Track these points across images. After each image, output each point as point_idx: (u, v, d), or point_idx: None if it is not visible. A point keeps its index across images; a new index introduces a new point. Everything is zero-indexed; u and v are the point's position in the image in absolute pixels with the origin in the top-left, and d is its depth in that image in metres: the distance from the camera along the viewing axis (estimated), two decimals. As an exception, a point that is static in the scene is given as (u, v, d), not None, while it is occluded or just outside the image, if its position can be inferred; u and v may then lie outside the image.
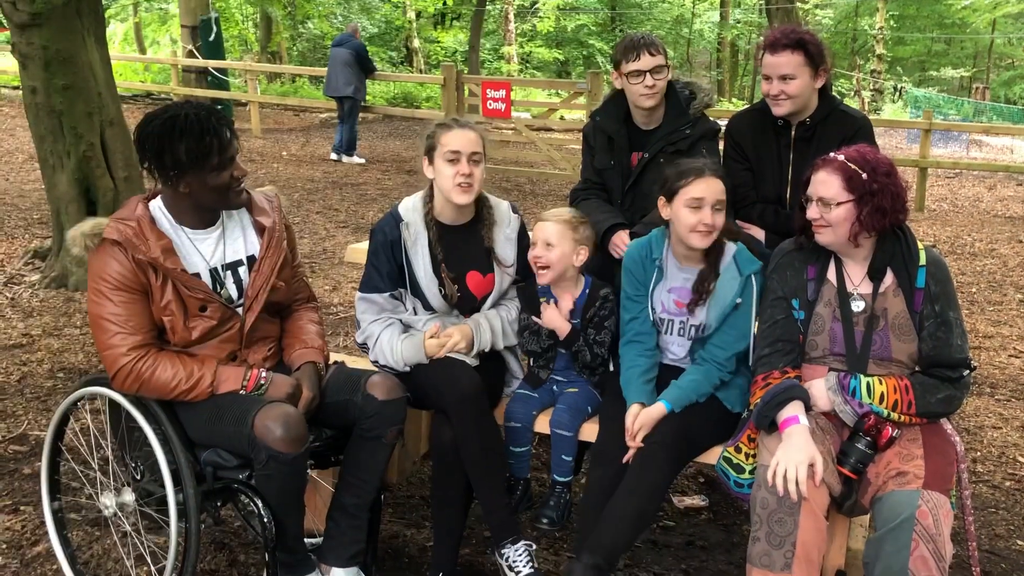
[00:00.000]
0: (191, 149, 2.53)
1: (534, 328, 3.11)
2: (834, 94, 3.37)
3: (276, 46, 27.58)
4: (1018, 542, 3.51)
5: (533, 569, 2.87)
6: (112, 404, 2.72)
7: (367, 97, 14.05)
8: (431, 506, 3.08)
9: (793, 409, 2.56)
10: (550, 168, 12.60)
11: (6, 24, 6.22)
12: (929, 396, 2.57)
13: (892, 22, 35.24)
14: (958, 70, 39.40)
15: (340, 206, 9.92)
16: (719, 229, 2.81)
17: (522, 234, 3.17)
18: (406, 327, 3.06)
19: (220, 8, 21.32)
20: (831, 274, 2.71)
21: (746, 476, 2.66)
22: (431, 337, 2.98)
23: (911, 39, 38.86)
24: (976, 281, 7.83)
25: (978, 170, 14.86)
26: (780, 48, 3.16)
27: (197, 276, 2.66)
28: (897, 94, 34.34)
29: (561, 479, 3.03)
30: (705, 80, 3.84)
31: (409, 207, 3.06)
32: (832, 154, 2.65)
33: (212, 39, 15.77)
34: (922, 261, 2.63)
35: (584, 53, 36.45)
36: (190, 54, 16.00)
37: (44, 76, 5.91)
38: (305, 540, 2.82)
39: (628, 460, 2.75)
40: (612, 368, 3.08)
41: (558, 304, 3.08)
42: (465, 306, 3.10)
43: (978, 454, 4.30)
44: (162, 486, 2.53)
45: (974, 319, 6.59)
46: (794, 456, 2.45)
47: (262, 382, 2.66)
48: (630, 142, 3.47)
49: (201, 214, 2.70)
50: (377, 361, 3.04)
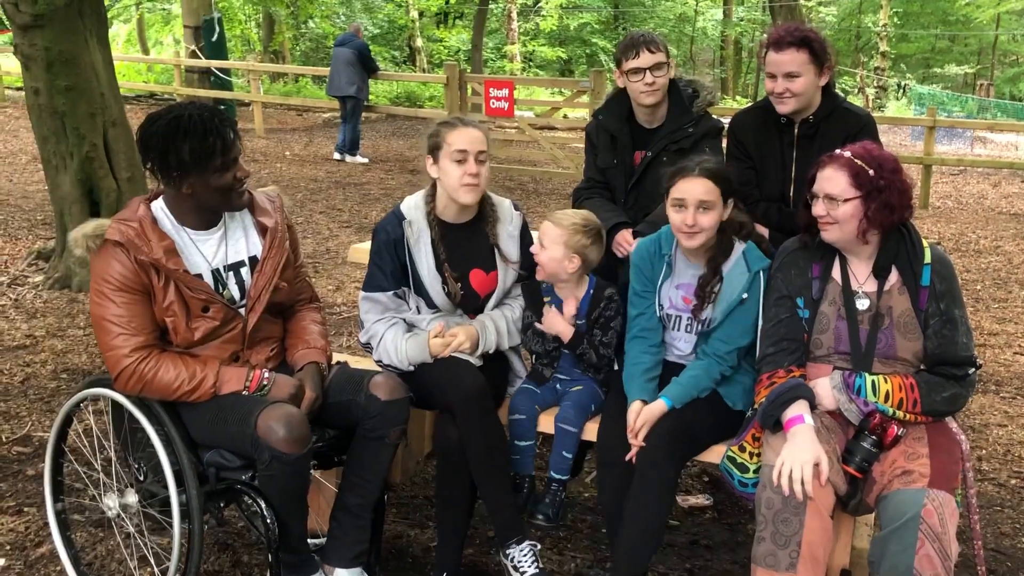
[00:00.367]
0: (195, 150, 2.52)
1: (538, 330, 3.10)
2: (837, 91, 3.36)
3: (278, 46, 27.58)
4: (1023, 540, 3.50)
5: (538, 569, 2.87)
6: (115, 405, 2.72)
7: (370, 96, 14.05)
8: (435, 506, 3.07)
9: (798, 408, 2.55)
10: (553, 167, 12.59)
11: (8, 25, 6.22)
12: (934, 394, 2.55)
13: (896, 19, 35.19)
14: (962, 67, 39.34)
15: (343, 206, 9.92)
16: (706, 229, 2.79)
17: (524, 231, 3.17)
18: (410, 327, 3.06)
19: (223, 8, 21.32)
20: (836, 272, 2.70)
21: (750, 476, 2.65)
22: (435, 336, 2.98)
23: (915, 36, 38.82)
24: (981, 278, 7.81)
25: (982, 167, 14.82)
26: (785, 46, 3.14)
27: (199, 277, 2.65)
28: (901, 91, 34.29)
29: (558, 476, 3.01)
30: (708, 78, 3.83)
31: (411, 205, 3.06)
32: (838, 151, 2.64)
33: (215, 39, 15.78)
34: (927, 259, 2.62)
35: (587, 52, 36.42)
36: (193, 54, 16.01)
37: (47, 77, 5.92)
38: (308, 540, 2.82)
39: (631, 458, 2.75)
40: (617, 367, 3.08)
41: (561, 308, 3.08)
42: (469, 304, 3.10)
43: (983, 452, 4.28)
44: (165, 487, 2.53)
45: (979, 316, 6.57)
46: (799, 456, 2.44)
47: (264, 383, 2.66)
48: (633, 141, 3.46)
49: (203, 215, 2.70)
50: (381, 361, 3.03)
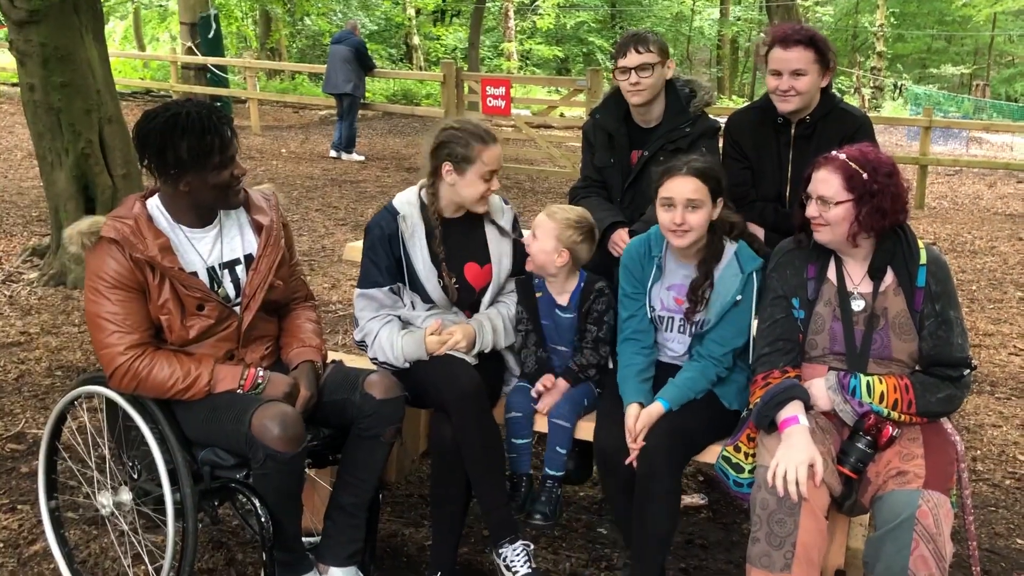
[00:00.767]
0: (193, 147, 2.52)
1: (532, 341, 3.13)
2: (834, 92, 3.36)
3: (275, 43, 27.53)
4: (1018, 541, 3.50)
5: (531, 569, 2.87)
6: (109, 403, 2.71)
7: (366, 94, 14.03)
8: (430, 505, 3.07)
9: (793, 409, 2.55)
10: (550, 165, 12.59)
11: (4, 21, 6.20)
12: (929, 395, 2.56)
13: (892, 19, 35.21)
14: (958, 67, 39.37)
15: (339, 203, 9.91)
16: (695, 228, 2.78)
17: (514, 226, 3.19)
18: (404, 324, 3.06)
19: (219, 5, 21.29)
20: (831, 273, 2.70)
21: (745, 476, 2.65)
22: (432, 334, 2.98)
23: (911, 36, 38.85)
24: (976, 279, 7.82)
25: (978, 167, 14.83)
26: (792, 43, 3.13)
27: (194, 275, 2.65)
28: (897, 91, 34.32)
29: (553, 473, 3.01)
30: (705, 78, 3.83)
31: (404, 201, 3.07)
32: (834, 152, 2.63)
33: (211, 36, 15.75)
34: (923, 260, 2.62)
35: (584, 50, 36.41)
36: (189, 51, 15.98)
37: (42, 73, 5.90)
38: (303, 539, 2.81)
39: (631, 462, 2.75)
40: (612, 365, 3.07)
41: (552, 303, 3.11)
42: (464, 299, 3.10)
43: (978, 452, 4.29)
44: (159, 485, 2.52)
45: (974, 317, 6.58)
46: (794, 456, 2.44)
47: (259, 381, 2.65)
48: (630, 140, 3.46)
49: (199, 212, 2.69)
50: (376, 359, 3.03)
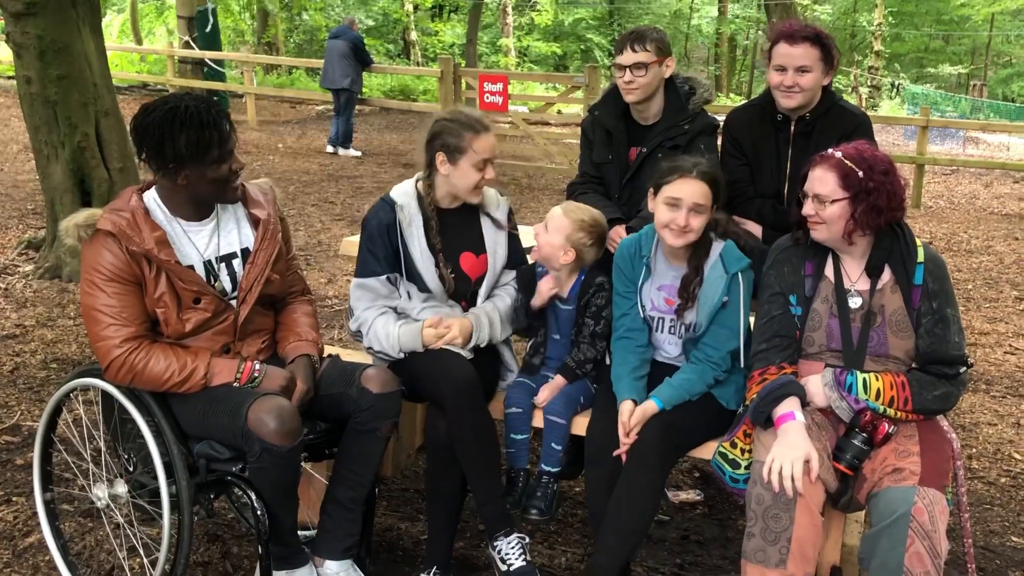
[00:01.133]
0: (191, 142, 2.51)
1: (522, 305, 3.13)
2: (833, 90, 3.35)
3: (271, 38, 27.49)
4: (1013, 538, 3.51)
5: (526, 562, 2.87)
6: (105, 395, 2.71)
7: (363, 89, 14.00)
8: (425, 499, 3.07)
9: (789, 405, 2.55)
10: (547, 162, 12.57)
11: (1, 14, 6.18)
12: (926, 392, 2.56)
13: (890, 18, 35.25)
14: (956, 67, 39.42)
15: (336, 199, 9.90)
16: (695, 231, 2.78)
17: (509, 218, 3.20)
18: (400, 315, 3.06)
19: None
20: (829, 270, 2.70)
21: (741, 471, 2.65)
22: (429, 327, 2.98)
23: (909, 35, 38.88)
24: (972, 278, 7.83)
25: (975, 167, 14.85)
26: (799, 40, 3.13)
27: (191, 268, 2.64)
28: (895, 91, 34.36)
29: (549, 469, 3.01)
30: (703, 75, 3.82)
31: (401, 192, 3.08)
32: (830, 151, 2.63)
33: (209, 30, 15.70)
34: (920, 258, 2.62)
35: (582, 47, 36.39)
36: (186, 45, 15.93)
37: (39, 66, 5.88)
38: (299, 533, 2.82)
39: (619, 454, 2.75)
40: (608, 361, 3.08)
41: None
42: (461, 289, 3.11)
43: (973, 450, 4.30)
44: (155, 478, 2.52)
45: (970, 316, 6.59)
46: (790, 452, 2.44)
47: (256, 375, 2.65)
48: (628, 137, 3.46)
49: (196, 206, 2.69)
50: (371, 348, 3.03)
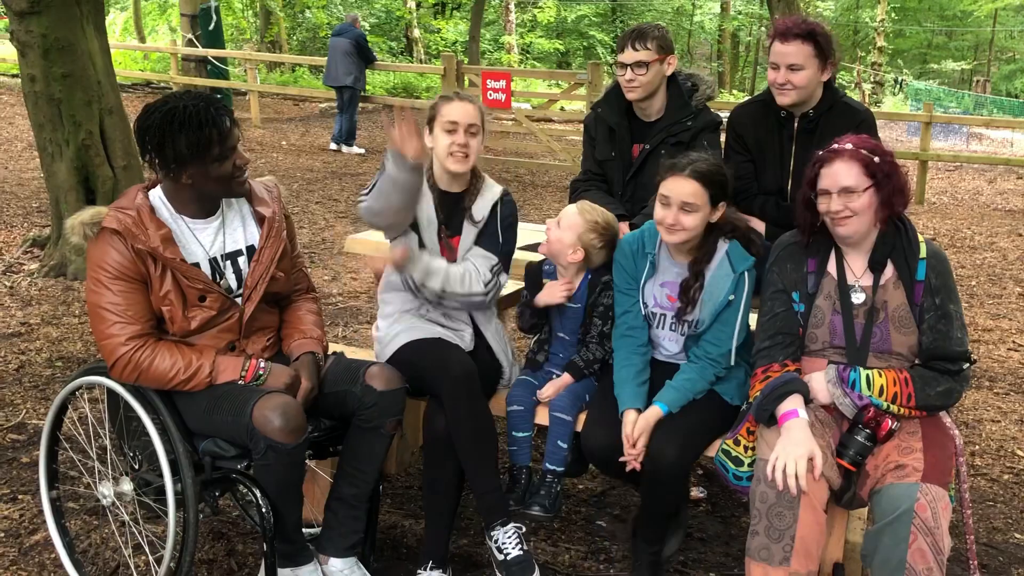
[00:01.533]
0: (192, 141, 2.52)
1: (526, 304, 3.13)
2: (837, 87, 3.35)
3: (273, 36, 27.50)
4: (1016, 535, 3.52)
5: (522, 551, 2.87)
6: (110, 393, 2.72)
7: (367, 87, 14.01)
8: (423, 493, 3.07)
9: (792, 402, 2.56)
10: (550, 159, 12.58)
11: (5, 12, 6.20)
12: (929, 389, 2.56)
13: (893, 14, 35.16)
14: (959, 63, 39.33)
15: (339, 196, 9.91)
16: (687, 230, 2.77)
17: (508, 212, 3.18)
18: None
19: (220, -3, 21.24)
20: (831, 267, 2.70)
21: (745, 469, 2.66)
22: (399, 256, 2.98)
23: (912, 31, 38.81)
24: (976, 274, 7.83)
25: (978, 163, 14.84)
26: (791, 37, 3.13)
27: (197, 266, 2.65)
28: (898, 87, 34.29)
29: (554, 467, 3.00)
30: (705, 72, 3.82)
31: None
32: (837, 145, 2.63)
33: (212, 28, 15.72)
34: (923, 254, 2.63)
35: (584, 44, 36.34)
36: (190, 43, 15.94)
37: (43, 64, 5.90)
38: (303, 530, 2.82)
39: (631, 468, 2.76)
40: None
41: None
42: (449, 259, 3.12)
43: (976, 447, 4.30)
44: (160, 476, 2.53)
45: (973, 312, 6.59)
46: (793, 450, 2.45)
47: (260, 372, 2.65)
48: (631, 133, 3.46)
49: (202, 204, 2.70)
50: (368, 203, 2.96)
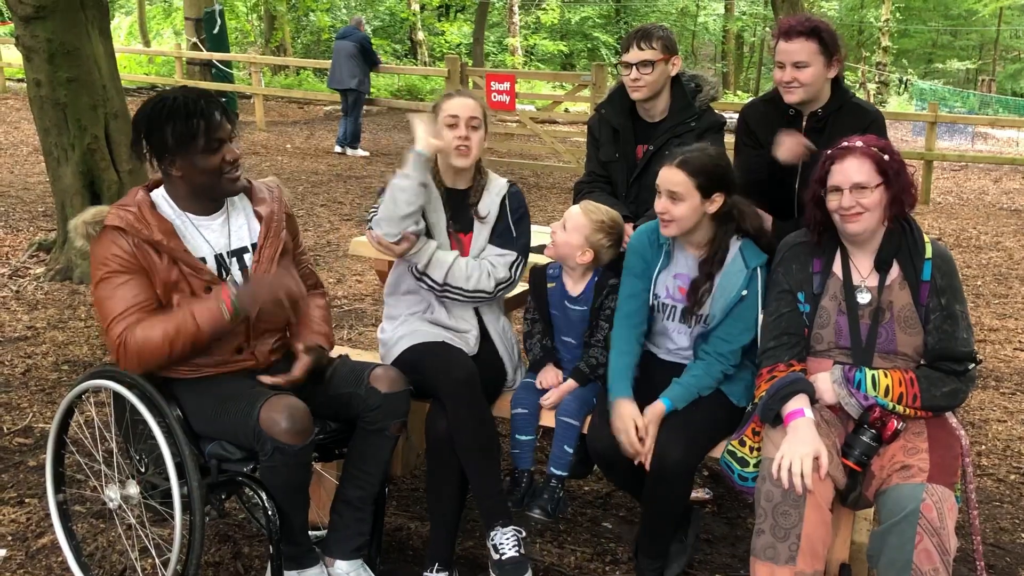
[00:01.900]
0: (177, 131, 2.54)
1: (538, 330, 3.15)
2: (846, 87, 3.35)
3: (278, 40, 27.57)
4: (1023, 536, 3.51)
5: (518, 553, 2.86)
6: (116, 397, 2.72)
7: (371, 90, 14.03)
8: (427, 496, 3.08)
9: (798, 402, 2.55)
10: (554, 161, 12.59)
11: (11, 17, 6.23)
12: (934, 389, 2.56)
13: (898, 14, 35.13)
14: (964, 63, 39.28)
15: (344, 199, 9.92)
16: (677, 220, 2.77)
17: (516, 204, 3.18)
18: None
19: (224, 1, 21.30)
20: (837, 267, 2.70)
21: (750, 469, 2.66)
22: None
23: (916, 31, 38.75)
24: (981, 274, 7.81)
25: (984, 163, 14.81)
26: (794, 35, 3.13)
27: (203, 260, 2.66)
28: (903, 86, 34.24)
29: (558, 472, 3.00)
30: (710, 72, 3.82)
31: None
32: (847, 143, 2.63)
33: (216, 31, 15.77)
34: (928, 254, 2.62)
35: (589, 46, 36.36)
36: (194, 47, 15.99)
37: (48, 69, 5.92)
38: (309, 532, 2.82)
39: (639, 462, 2.76)
40: None
41: (563, 289, 3.12)
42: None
43: (983, 447, 4.29)
44: (166, 479, 2.53)
45: (979, 312, 6.58)
46: (799, 449, 2.45)
47: (234, 295, 2.58)
48: (635, 135, 3.46)
49: (202, 200, 2.70)
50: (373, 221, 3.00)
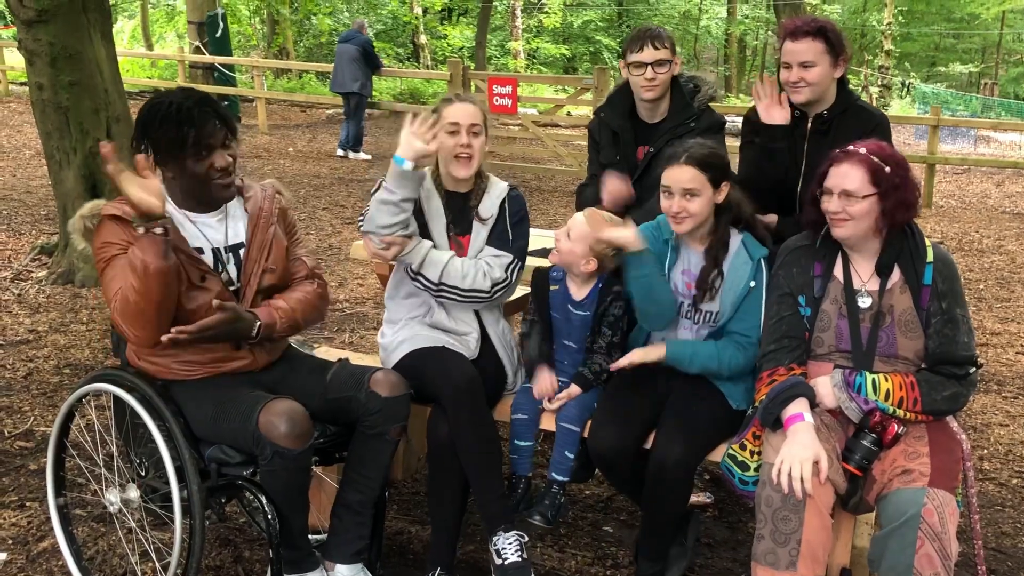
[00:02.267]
0: (169, 136, 2.56)
1: (536, 330, 3.13)
2: (852, 89, 3.34)
3: (278, 46, 27.62)
4: (1025, 540, 3.50)
5: (521, 558, 2.86)
6: (117, 400, 2.72)
7: (373, 93, 14.05)
8: (428, 501, 3.07)
9: (798, 406, 2.55)
10: (556, 164, 12.59)
11: (13, 20, 6.24)
12: (935, 393, 2.55)
13: (900, 17, 35.14)
14: (967, 66, 39.27)
15: (346, 202, 9.93)
16: (694, 215, 2.80)
17: (517, 207, 3.17)
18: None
19: (226, 5, 21.34)
20: (838, 271, 2.70)
21: (751, 474, 2.65)
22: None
23: (919, 34, 38.75)
24: (984, 278, 7.80)
25: (986, 166, 14.81)
26: (801, 35, 3.13)
27: (200, 251, 2.68)
28: (905, 90, 34.24)
29: (559, 478, 2.99)
30: (712, 76, 3.82)
31: (423, 172, 3.12)
32: (852, 147, 2.63)
33: (219, 35, 15.80)
34: (929, 258, 2.62)
35: (591, 49, 36.39)
36: (197, 50, 16.01)
37: (51, 72, 5.93)
38: (309, 536, 2.82)
39: (642, 466, 2.78)
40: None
41: (567, 293, 3.11)
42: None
43: (985, 452, 4.28)
44: (167, 482, 2.53)
45: (981, 316, 6.57)
46: (799, 453, 2.44)
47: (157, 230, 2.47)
48: (635, 136, 3.47)
49: (199, 200, 2.72)
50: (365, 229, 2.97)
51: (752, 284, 2.83)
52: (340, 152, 13.31)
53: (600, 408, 2.95)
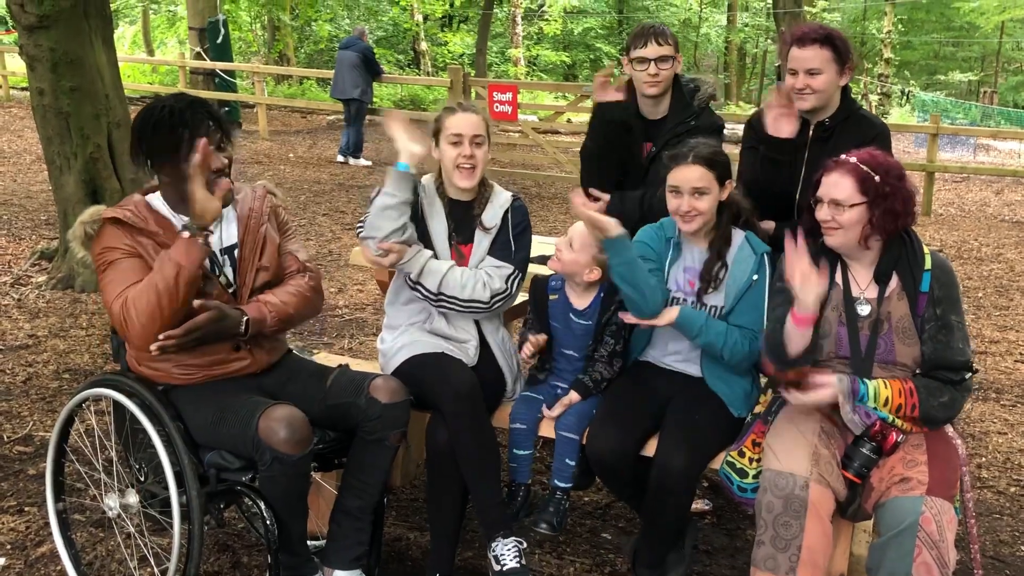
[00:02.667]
0: (162, 140, 2.58)
1: (533, 331, 3.13)
2: (854, 98, 3.35)
3: (278, 52, 27.66)
4: (1022, 548, 3.50)
5: (519, 564, 2.86)
6: (117, 405, 2.72)
7: (374, 99, 14.07)
8: (427, 507, 3.08)
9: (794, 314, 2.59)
10: (557, 171, 12.59)
11: (14, 26, 6.25)
12: (932, 399, 2.55)
13: (900, 26, 35.18)
14: (966, 74, 39.32)
15: (346, 208, 9.93)
16: (703, 213, 2.84)
17: (520, 217, 3.17)
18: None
19: (228, 11, 21.39)
20: (838, 278, 2.71)
21: (749, 481, 2.65)
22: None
23: (919, 43, 38.82)
24: (983, 286, 7.81)
25: (985, 174, 14.83)
26: (808, 42, 3.14)
27: None
28: (904, 98, 34.27)
29: (562, 485, 2.99)
30: (711, 76, 3.84)
31: (427, 178, 3.18)
32: (844, 156, 2.64)
33: (220, 41, 15.82)
34: (927, 265, 2.63)
35: (591, 56, 36.47)
36: (198, 56, 16.04)
37: (52, 78, 5.94)
38: (308, 542, 2.83)
39: (642, 470, 2.78)
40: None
41: (567, 302, 3.11)
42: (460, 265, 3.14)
43: (983, 460, 4.28)
44: (166, 488, 2.54)
45: (980, 324, 6.57)
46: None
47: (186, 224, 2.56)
48: (645, 132, 3.49)
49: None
50: (364, 236, 3.03)
51: (755, 278, 2.87)
52: (340, 158, 13.33)
53: (600, 412, 2.95)
